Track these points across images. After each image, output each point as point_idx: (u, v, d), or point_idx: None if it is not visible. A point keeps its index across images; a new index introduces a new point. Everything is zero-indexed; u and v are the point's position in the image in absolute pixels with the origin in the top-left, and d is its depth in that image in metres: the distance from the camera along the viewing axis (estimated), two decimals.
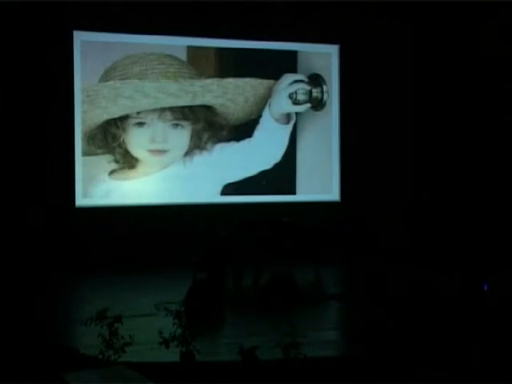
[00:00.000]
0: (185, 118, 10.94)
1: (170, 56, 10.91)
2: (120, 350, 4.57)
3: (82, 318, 4.88)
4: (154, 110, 10.76)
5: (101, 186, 10.61)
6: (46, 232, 10.03)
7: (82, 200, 10.51)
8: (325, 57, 11.79)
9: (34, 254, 9.67)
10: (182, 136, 10.99)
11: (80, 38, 10.45)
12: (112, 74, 10.61)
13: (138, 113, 10.71)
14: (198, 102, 11.00)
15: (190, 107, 10.97)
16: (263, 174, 11.42)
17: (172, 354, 4.65)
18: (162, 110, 10.80)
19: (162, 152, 10.90)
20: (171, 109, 10.86)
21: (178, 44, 10.96)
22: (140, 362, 4.99)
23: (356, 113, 11.44)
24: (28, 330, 6.04)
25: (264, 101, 11.38)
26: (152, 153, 10.84)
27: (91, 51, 10.51)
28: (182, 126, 10.98)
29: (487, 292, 7.36)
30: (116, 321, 4.63)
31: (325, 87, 11.71)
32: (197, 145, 11.06)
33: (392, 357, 5.23)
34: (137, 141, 10.75)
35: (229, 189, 11.25)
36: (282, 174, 11.53)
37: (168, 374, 4.71)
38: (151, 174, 10.88)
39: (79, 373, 4.43)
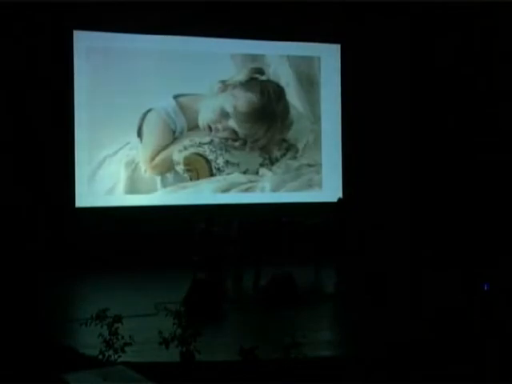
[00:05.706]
0: None
1: None
2: (120, 350, 4.56)
3: (82, 318, 4.88)
4: None
5: (101, 186, 10.60)
6: (47, 232, 10.04)
7: (81, 200, 10.50)
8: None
9: (34, 254, 9.67)
10: None
11: (80, 38, 10.43)
12: None
13: None
14: None
15: None
16: None
17: (172, 354, 4.64)
18: None
19: None
20: None
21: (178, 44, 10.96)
22: (140, 362, 4.99)
23: (357, 112, 11.43)
24: (28, 329, 6.03)
25: None
26: None
27: (91, 51, 10.51)
28: None
29: (487, 292, 7.37)
30: (116, 321, 4.62)
31: None
32: None
33: (391, 357, 5.23)
34: None
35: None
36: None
37: (168, 373, 4.70)
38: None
39: (79, 373, 4.43)
